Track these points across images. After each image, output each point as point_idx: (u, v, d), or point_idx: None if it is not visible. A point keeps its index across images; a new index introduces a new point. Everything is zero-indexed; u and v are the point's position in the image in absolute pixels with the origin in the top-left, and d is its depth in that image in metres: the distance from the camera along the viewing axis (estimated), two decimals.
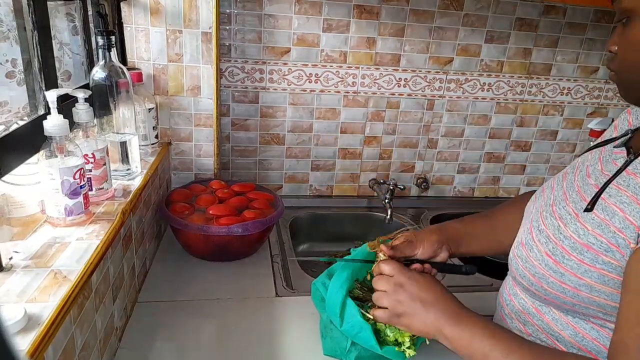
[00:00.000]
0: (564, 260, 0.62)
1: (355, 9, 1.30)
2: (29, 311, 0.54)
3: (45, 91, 0.75)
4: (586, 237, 0.61)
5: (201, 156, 1.28)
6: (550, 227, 0.67)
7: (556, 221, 0.66)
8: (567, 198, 0.68)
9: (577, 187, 0.68)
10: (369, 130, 1.45)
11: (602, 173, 0.65)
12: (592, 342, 0.64)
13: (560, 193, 0.70)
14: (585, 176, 0.68)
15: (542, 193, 0.75)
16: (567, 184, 0.70)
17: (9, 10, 0.71)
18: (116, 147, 0.95)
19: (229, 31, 1.28)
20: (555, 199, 0.70)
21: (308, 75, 1.35)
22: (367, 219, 1.47)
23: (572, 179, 0.70)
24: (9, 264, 0.63)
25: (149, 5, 1.11)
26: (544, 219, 0.69)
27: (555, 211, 0.68)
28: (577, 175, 0.70)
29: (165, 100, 1.20)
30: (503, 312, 0.77)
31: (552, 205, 0.69)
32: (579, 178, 0.69)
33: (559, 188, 0.71)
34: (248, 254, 1.12)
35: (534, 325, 0.70)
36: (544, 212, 0.70)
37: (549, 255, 0.65)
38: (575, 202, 0.65)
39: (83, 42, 1.00)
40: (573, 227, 0.63)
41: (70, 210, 0.74)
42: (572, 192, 0.68)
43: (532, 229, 0.70)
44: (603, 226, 0.59)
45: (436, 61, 1.40)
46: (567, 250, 0.62)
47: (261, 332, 0.86)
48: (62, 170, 0.71)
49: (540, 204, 0.73)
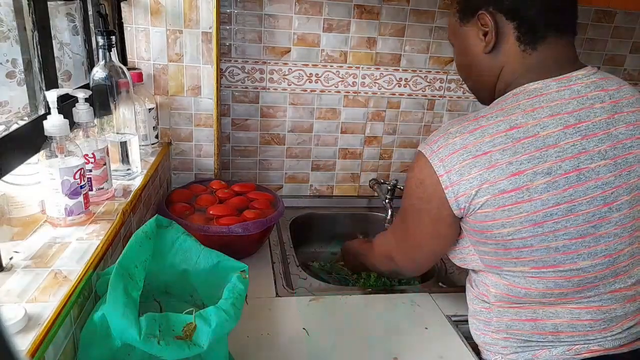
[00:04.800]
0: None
1: (356, 9, 1.30)
2: (29, 311, 0.54)
3: (45, 91, 0.75)
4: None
5: (201, 156, 1.28)
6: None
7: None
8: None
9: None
10: (370, 130, 1.45)
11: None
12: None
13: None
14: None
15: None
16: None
17: (9, 10, 0.71)
18: (116, 147, 0.95)
19: (229, 31, 1.28)
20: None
21: (308, 75, 1.35)
22: (368, 219, 1.47)
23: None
24: (9, 264, 0.63)
25: (149, 5, 1.11)
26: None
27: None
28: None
29: (165, 100, 1.20)
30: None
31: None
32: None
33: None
34: (248, 254, 1.12)
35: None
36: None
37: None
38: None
39: (83, 42, 1.00)
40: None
41: (70, 210, 0.74)
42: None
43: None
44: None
45: (437, 61, 1.40)
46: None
47: (261, 332, 0.86)
48: (63, 170, 0.71)
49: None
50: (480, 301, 0.79)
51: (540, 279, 0.69)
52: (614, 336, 0.72)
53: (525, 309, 0.73)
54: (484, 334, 0.80)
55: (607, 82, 0.71)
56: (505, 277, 0.73)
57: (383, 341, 0.87)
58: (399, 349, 0.84)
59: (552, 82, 0.69)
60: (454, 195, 0.68)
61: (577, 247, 0.67)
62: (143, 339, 0.53)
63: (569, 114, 0.67)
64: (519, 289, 0.72)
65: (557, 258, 0.67)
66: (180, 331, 0.57)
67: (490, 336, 0.78)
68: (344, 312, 0.94)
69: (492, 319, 0.77)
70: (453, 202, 0.68)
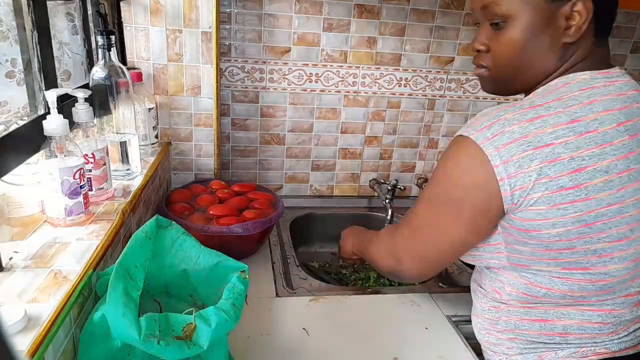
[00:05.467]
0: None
1: (356, 9, 1.30)
2: (28, 311, 0.54)
3: (45, 91, 0.75)
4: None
5: (201, 156, 1.28)
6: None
7: None
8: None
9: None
10: (370, 130, 1.45)
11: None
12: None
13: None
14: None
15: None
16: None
17: (9, 10, 0.71)
18: (116, 147, 0.94)
19: (229, 31, 1.28)
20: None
21: (308, 75, 1.35)
22: (368, 219, 1.47)
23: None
24: (9, 264, 0.63)
25: (149, 5, 1.11)
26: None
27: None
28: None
29: (165, 100, 1.20)
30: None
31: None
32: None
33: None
34: (248, 254, 1.12)
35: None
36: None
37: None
38: None
39: (83, 41, 1.00)
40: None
41: (70, 210, 0.74)
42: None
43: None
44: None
45: (437, 61, 1.40)
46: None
47: (261, 332, 0.86)
48: (62, 170, 0.71)
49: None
50: (490, 299, 0.77)
51: (566, 280, 0.67)
52: (620, 339, 0.71)
53: (537, 309, 0.72)
54: (489, 333, 0.78)
55: (635, 83, 0.69)
56: (526, 276, 0.70)
57: (383, 341, 0.86)
58: (399, 349, 0.84)
59: (597, 75, 0.66)
60: (510, 188, 0.62)
61: (613, 251, 0.64)
62: (143, 339, 0.53)
63: (619, 110, 0.64)
64: (538, 289, 0.69)
65: (591, 260, 0.65)
66: (180, 331, 0.56)
67: (495, 336, 0.77)
68: (344, 312, 0.94)
69: (500, 318, 0.76)
70: (507, 195, 0.62)
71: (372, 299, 1.00)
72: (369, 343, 0.86)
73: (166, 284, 0.71)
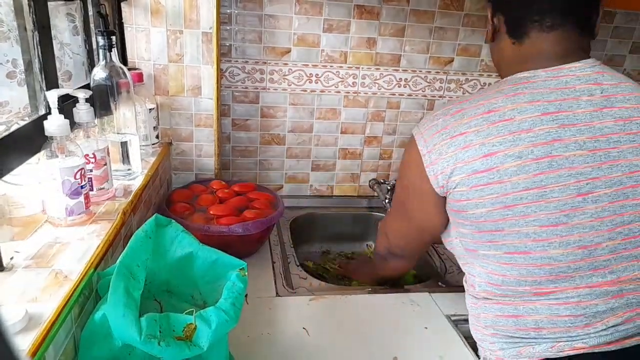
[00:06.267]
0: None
1: (356, 9, 1.30)
2: (29, 311, 0.54)
3: (45, 91, 0.75)
4: None
5: (202, 156, 1.28)
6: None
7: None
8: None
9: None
10: (369, 130, 1.45)
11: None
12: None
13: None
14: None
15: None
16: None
17: (10, 10, 0.71)
18: (117, 147, 0.95)
19: (230, 31, 1.28)
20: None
21: (308, 76, 1.35)
22: (368, 219, 1.47)
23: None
24: (10, 263, 0.64)
25: (150, 6, 1.11)
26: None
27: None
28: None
29: (165, 100, 1.20)
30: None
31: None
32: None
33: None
34: (248, 254, 1.12)
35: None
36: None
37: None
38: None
39: (83, 42, 1.00)
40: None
41: (71, 210, 0.74)
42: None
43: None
44: None
45: (436, 61, 1.40)
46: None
47: (261, 332, 0.86)
48: (63, 170, 0.71)
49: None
50: (470, 296, 0.81)
51: (513, 265, 0.71)
52: (597, 333, 0.71)
53: (508, 304, 0.74)
54: (475, 329, 0.81)
55: (604, 77, 0.72)
56: (484, 265, 0.75)
57: (383, 341, 0.87)
58: (399, 349, 0.84)
59: (541, 72, 0.72)
60: (434, 173, 0.73)
61: (548, 235, 0.68)
62: (143, 339, 0.53)
63: (550, 102, 0.68)
64: (497, 276, 0.73)
65: (528, 245, 0.69)
66: (181, 332, 0.57)
67: (480, 331, 0.80)
68: (344, 312, 0.95)
69: (480, 315, 0.79)
70: (433, 179, 0.74)
71: (372, 298, 1.00)
72: (369, 343, 0.86)
73: (167, 283, 0.71)
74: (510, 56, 0.78)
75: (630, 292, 0.71)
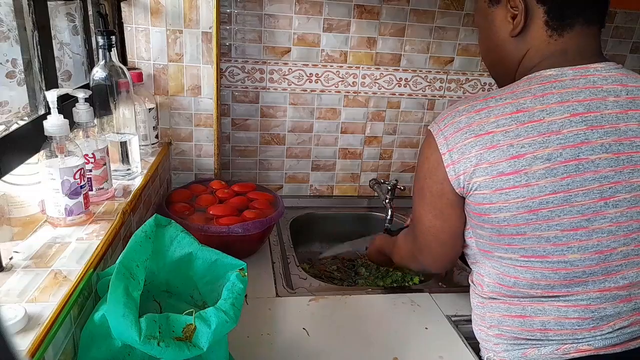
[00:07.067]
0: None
1: (356, 9, 1.30)
2: (29, 311, 0.54)
3: (45, 91, 0.75)
4: None
5: (201, 156, 1.28)
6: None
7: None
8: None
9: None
10: (370, 130, 1.45)
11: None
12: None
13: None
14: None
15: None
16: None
17: (9, 10, 0.71)
18: (116, 147, 0.95)
19: (229, 31, 1.28)
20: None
21: (308, 75, 1.35)
22: (368, 219, 1.47)
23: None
24: (9, 264, 0.63)
25: (149, 5, 1.11)
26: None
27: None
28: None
29: (165, 100, 1.20)
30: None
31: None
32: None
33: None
34: (248, 254, 1.12)
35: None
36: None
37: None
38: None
39: (83, 42, 1.00)
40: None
41: (70, 210, 0.74)
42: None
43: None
44: None
45: (437, 61, 1.40)
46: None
47: (261, 332, 0.86)
48: (63, 170, 0.71)
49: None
50: (476, 294, 0.80)
51: (528, 268, 0.69)
52: (603, 335, 0.71)
53: (515, 305, 0.73)
54: (480, 329, 0.81)
55: (628, 78, 0.69)
56: (496, 266, 0.73)
57: (383, 341, 0.87)
58: (399, 349, 0.84)
59: (568, 70, 0.69)
60: (455, 173, 0.69)
61: (568, 240, 0.66)
62: (143, 340, 0.53)
63: (579, 102, 0.66)
64: (508, 278, 0.72)
65: (547, 249, 0.67)
66: (180, 332, 0.57)
67: (484, 332, 0.79)
68: (344, 312, 0.95)
69: (485, 314, 0.78)
70: (454, 180, 0.69)
71: (372, 299, 1.00)
72: (369, 343, 0.86)
73: (166, 283, 0.71)
74: (538, 52, 0.72)
75: (638, 297, 0.71)
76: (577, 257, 0.67)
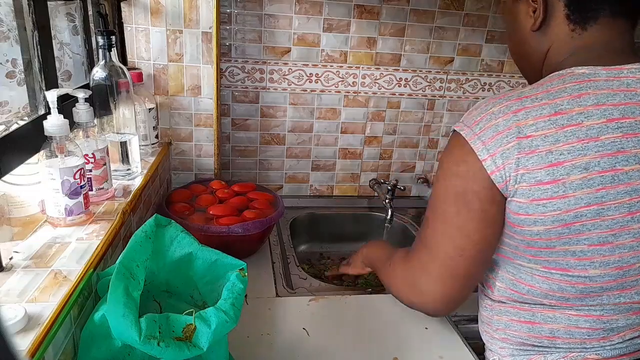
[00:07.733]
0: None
1: (356, 9, 1.30)
2: (29, 311, 0.54)
3: (45, 91, 0.75)
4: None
5: (201, 156, 1.28)
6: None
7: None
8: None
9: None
10: (370, 130, 1.45)
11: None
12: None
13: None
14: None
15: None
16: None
17: (9, 10, 0.71)
18: (116, 147, 0.95)
19: (229, 31, 1.28)
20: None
21: (308, 75, 1.35)
22: (368, 219, 1.47)
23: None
24: (9, 264, 0.63)
25: (149, 5, 1.11)
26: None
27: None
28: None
29: (165, 100, 1.20)
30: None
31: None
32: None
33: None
34: (248, 254, 1.12)
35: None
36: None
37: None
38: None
39: (83, 42, 1.00)
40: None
41: (70, 210, 0.74)
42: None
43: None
44: None
45: (437, 61, 1.40)
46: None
47: (261, 332, 0.86)
48: (63, 170, 0.71)
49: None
50: (485, 297, 0.78)
51: (547, 279, 0.67)
52: (613, 346, 0.70)
53: (525, 310, 0.72)
54: (486, 332, 0.79)
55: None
56: (511, 271, 0.71)
57: (383, 341, 0.87)
58: (399, 349, 0.84)
59: (601, 70, 0.64)
60: (503, 179, 0.62)
61: (593, 254, 0.63)
62: (143, 340, 0.53)
63: (614, 106, 0.61)
64: (523, 285, 0.70)
65: (570, 262, 0.64)
66: (180, 332, 0.57)
67: (490, 335, 0.78)
68: (344, 312, 0.95)
69: (492, 317, 0.76)
70: (503, 187, 0.62)
71: (372, 299, 1.00)
72: (369, 343, 0.86)
73: (166, 283, 0.71)
74: (562, 47, 0.68)
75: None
76: (598, 272, 0.64)
